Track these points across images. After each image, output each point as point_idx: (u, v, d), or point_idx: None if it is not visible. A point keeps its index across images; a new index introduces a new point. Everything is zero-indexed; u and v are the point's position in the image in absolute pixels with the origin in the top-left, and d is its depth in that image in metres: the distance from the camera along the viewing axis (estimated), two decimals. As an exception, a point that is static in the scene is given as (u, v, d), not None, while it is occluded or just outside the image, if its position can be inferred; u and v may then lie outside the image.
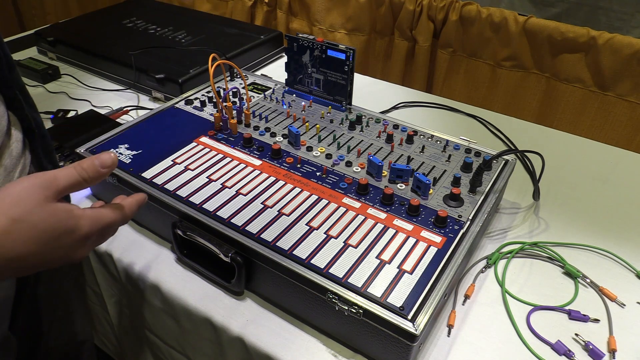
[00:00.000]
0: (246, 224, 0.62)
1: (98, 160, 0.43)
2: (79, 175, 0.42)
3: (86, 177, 0.43)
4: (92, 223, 0.43)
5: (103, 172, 0.44)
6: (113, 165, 0.44)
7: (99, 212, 0.44)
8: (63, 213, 0.40)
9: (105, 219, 0.45)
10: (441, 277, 0.56)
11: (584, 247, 0.74)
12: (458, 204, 0.67)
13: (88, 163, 0.43)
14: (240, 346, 0.62)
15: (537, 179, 0.79)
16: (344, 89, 0.85)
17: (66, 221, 0.41)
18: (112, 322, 0.86)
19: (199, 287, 0.67)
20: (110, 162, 0.44)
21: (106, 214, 0.45)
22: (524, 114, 1.46)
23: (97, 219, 0.44)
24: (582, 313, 0.63)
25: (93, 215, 0.43)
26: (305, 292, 0.57)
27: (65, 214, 0.41)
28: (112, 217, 0.45)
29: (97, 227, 0.43)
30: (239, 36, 1.26)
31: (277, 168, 0.73)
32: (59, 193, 0.41)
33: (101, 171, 0.43)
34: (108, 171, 0.44)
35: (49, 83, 1.15)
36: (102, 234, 0.46)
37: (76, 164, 0.42)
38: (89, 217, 0.43)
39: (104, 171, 0.44)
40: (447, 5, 1.44)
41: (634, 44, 1.21)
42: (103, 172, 0.44)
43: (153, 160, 0.73)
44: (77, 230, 0.41)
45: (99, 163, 0.43)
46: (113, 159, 0.44)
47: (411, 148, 0.78)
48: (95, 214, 0.44)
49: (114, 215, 0.46)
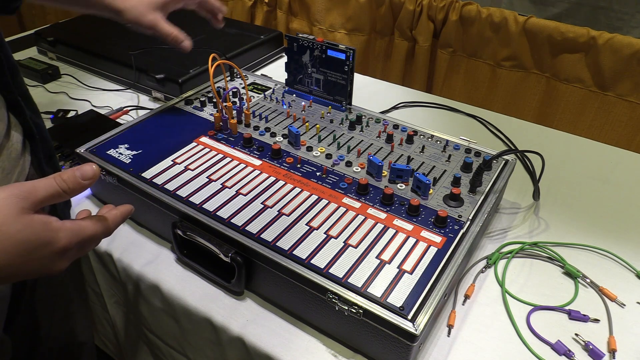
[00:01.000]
0: (246, 224, 0.62)
1: (79, 171, 0.43)
2: (59, 186, 0.41)
3: (66, 189, 0.42)
4: (70, 236, 0.42)
5: (84, 184, 0.43)
6: (94, 177, 0.43)
7: (79, 225, 0.43)
8: (40, 225, 0.40)
9: (85, 232, 0.44)
10: (441, 277, 0.56)
11: (584, 247, 0.74)
12: (458, 204, 0.67)
13: (68, 174, 0.42)
14: (240, 346, 0.62)
15: (537, 179, 0.79)
16: (344, 89, 0.85)
17: (43, 233, 0.40)
18: (112, 322, 0.86)
19: (199, 287, 0.67)
20: (91, 174, 0.43)
21: (86, 226, 0.44)
22: (524, 114, 1.46)
23: (76, 231, 0.43)
24: (582, 313, 0.63)
25: (72, 228, 0.42)
26: (305, 292, 0.57)
27: (42, 226, 0.40)
28: (92, 230, 0.44)
29: (75, 240, 0.42)
30: (239, 36, 1.26)
31: (277, 168, 0.73)
32: (37, 204, 0.40)
33: (82, 183, 0.43)
34: (89, 183, 0.43)
35: (49, 83, 1.15)
36: (82, 246, 0.44)
37: (56, 175, 0.42)
38: (67, 230, 0.42)
39: (85, 183, 0.43)
40: (447, 5, 1.44)
41: (634, 44, 1.21)
42: (84, 184, 0.43)
43: (153, 160, 0.73)
44: (54, 242, 0.41)
45: (80, 175, 0.43)
46: (94, 171, 0.43)
47: (411, 148, 0.78)
48: (75, 227, 0.43)
49: (94, 228, 0.45)
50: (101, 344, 0.94)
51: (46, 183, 0.41)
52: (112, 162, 0.73)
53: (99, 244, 0.48)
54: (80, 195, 0.81)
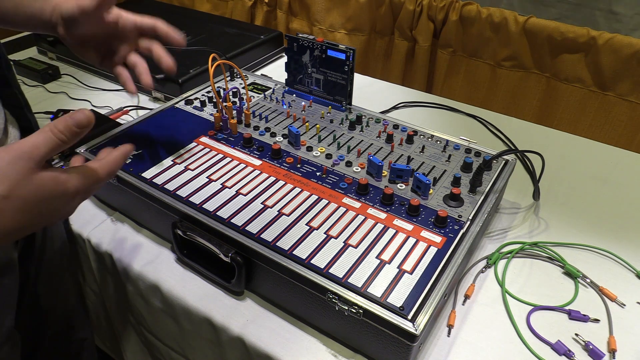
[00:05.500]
0: (246, 224, 0.62)
1: (72, 120, 0.43)
2: (58, 138, 0.42)
3: (64, 139, 0.43)
4: (78, 183, 0.44)
5: (79, 131, 0.43)
6: (89, 123, 0.44)
7: (85, 171, 0.45)
8: (50, 181, 0.42)
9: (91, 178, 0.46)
10: (441, 277, 0.56)
11: (584, 247, 0.74)
12: (458, 204, 0.67)
13: (63, 124, 0.43)
14: (240, 346, 0.62)
15: (537, 179, 0.79)
16: (344, 89, 0.85)
17: (54, 188, 0.42)
18: (111, 322, 0.86)
19: (199, 287, 0.67)
20: (85, 120, 0.43)
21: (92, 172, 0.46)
22: (524, 114, 1.46)
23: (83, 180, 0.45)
24: (582, 313, 0.63)
25: (78, 177, 0.44)
26: (305, 292, 0.57)
27: (52, 182, 0.42)
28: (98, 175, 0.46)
29: (83, 187, 0.45)
30: (239, 36, 1.26)
31: (277, 168, 0.73)
32: (42, 160, 0.42)
33: (77, 131, 0.43)
34: (84, 131, 0.44)
35: (49, 83, 1.15)
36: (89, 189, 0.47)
37: (52, 127, 0.42)
38: (75, 179, 0.44)
39: (79, 131, 0.43)
40: (447, 5, 1.44)
41: (634, 44, 1.21)
42: (79, 131, 0.43)
43: (153, 160, 0.73)
44: (64, 193, 0.43)
45: (74, 123, 0.43)
46: (88, 117, 0.43)
47: (411, 148, 0.78)
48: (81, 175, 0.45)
49: (100, 173, 0.47)
50: (101, 343, 0.94)
51: (45, 137, 0.42)
52: (112, 162, 0.72)
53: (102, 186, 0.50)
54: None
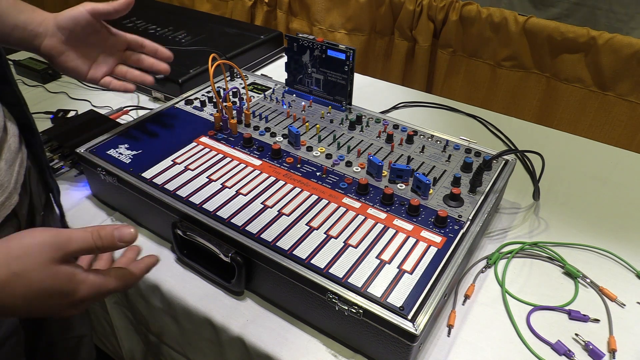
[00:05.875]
0: (246, 224, 0.62)
1: (118, 232, 0.42)
2: (94, 242, 0.41)
3: (100, 246, 0.42)
4: (91, 290, 0.42)
5: (119, 245, 0.43)
6: (131, 241, 0.43)
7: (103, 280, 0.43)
8: (64, 277, 0.40)
9: (107, 287, 0.44)
10: (441, 277, 0.56)
11: (584, 247, 0.74)
12: (458, 204, 0.67)
13: (106, 232, 0.42)
14: (240, 346, 0.62)
15: (537, 179, 0.79)
16: (344, 89, 0.85)
17: (65, 286, 0.40)
18: (111, 322, 0.86)
19: (199, 287, 0.67)
20: (129, 237, 0.43)
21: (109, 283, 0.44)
22: (524, 114, 1.46)
23: (98, 287, 0.43)
24: (582, 313, 0.63)
25: (94, 283, 0.42)
26: (305, 292, 0.57)
27: (66, 278, 0.40)
28: (114, 285, 0.44)
29: (95, 293, 0.43)
30: (239, 36, 1.26)
31: (277, 168, 0.73)
32: (69, 255, 0.40)
33: (118, 244, 0.42)
34: (125, 245, 0.43)
35: (49, 83, 1.15)
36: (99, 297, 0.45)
37: (94, 230, 0.42)
38: (89, 284, 0.42)
39: (120, 245, 0.43)
40: (447, 5, 1.44)
41: (634, 44, 1.21)
42: (119, 245, 0.43)
43: (153, 160, 0.73)
44: (73, 294, 0.41)
45: (118, 236, 0.42)
46: (132, 235, 0.43)
47: (411, 148, 0.78)
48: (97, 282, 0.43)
49: (116, 284, 0.45)
50: (100, 343, 0.94)
51: (82, 236, 0.41)
52: (112, 162, 0.73)
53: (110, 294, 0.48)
54: (80, 195, 0.82)
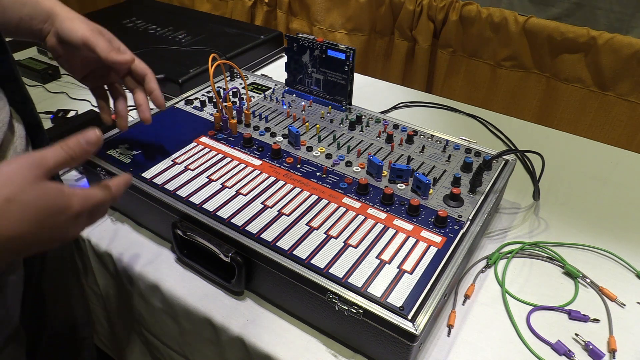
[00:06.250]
0: (246, 224, 0.62)
1: (83, 138, 0.44)
2: (66, 153, 0.43)
3: (73, 155, 0.43)
4: (82, 201, 0.44)
5: (88, 149, 0.44)
6: (98, 142, 0.45)
7: (88, 191, 0.46)
8: (54, 192, 0.41)
9: (95, 197, 0.46)
10: (441, 277, 0.56)
11: (584, 247, 0.74)
12: (458, 204, 0.67)
13: (74, 141, 0.44)
14: (240, 346, 0.62)
15: (537, 179, 0.79)
16: (344, 89, 0.85)
17: (58, 199, 0.42)
18: (111, 322, 0.86)
19: (199, 287, 0.67)
20: (95, 139, 0.44)
21: (95, 192, 0.46)
22: (524, 114, 1.46)
23: (87, 197, 0.45)
24: (582, 313, 0.63)
25: (83, 194, 0.44)
26: (305, 292, 0.57)
27: (56, 193, 0.42)
28: (101, 196, 0.47)
29: (87, 205, 0.44)
30: (239, 36, 1.26)
31: (277, 168, 0.73)
32: (49, 172, 0.42)
33: (86, 148, 0.44)
34: (93, 149, 0.45)
35: (49, 83, 1.15)
36: (92, 213, 0.47)
37: (62, 143, 0.43)
38: (79, 196, 0.44)
39: (89, 148, 0.44)
40: (447, 5, 1.44)
41: (634, 44, 1.21)
42: (88, 149, 0.44)
43: (153, 160, 0.73)
44: (68, 208, 0.42)
45: (84, 141, 0.44)
46: (97, 136, 0.45)
47: (411, 148, 0.78)
48: (85, 193, 0.45)
49: (102, 194, 0.47)
50: (100, 343, 0.94)
51: (54, 151, 0.43)
52: (112, 162, 0.73)
53: (105, 213, 0.51)
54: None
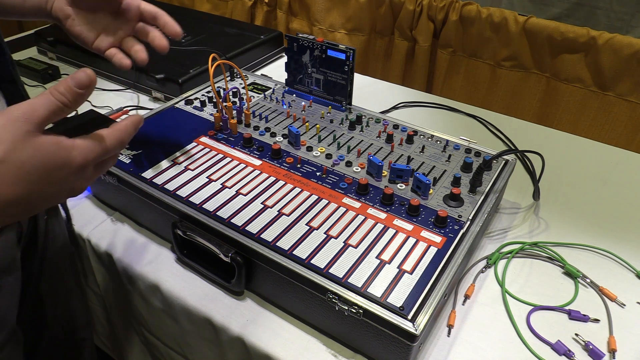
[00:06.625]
0: (246, 224, 0.62)
1: (73, 80, 0.39)
2: (58, 100, 0.38)
3: (65, 102, 0.39)
4: (85, 153, 0.40)
5: (81, 92, 0.39)
6: (91, 83, 0.40)
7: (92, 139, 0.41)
8: (51, 146, 0.37)
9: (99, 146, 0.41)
10: (441, 277, 0.56)
11: (584, 247, 0.74)
12: (458, 204, 0.67)
13: (64, 86, 0.39)
14: (240, 346, 0.62)
15: (537, 179, 0.79)
16: (344, 89, 0.85)
17: (55, 154, 0.38)
18: (111, 322, 0.86)
19: (199, 287, 0.67)
20: (86, 81, 0.39)
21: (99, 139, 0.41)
22: (524, 114, 1.46)
23: (90, 147, 0.40)
24: (582, 313, 0.63)
25: (85, 145, 0.40)
26: (305, 292, 0.57)
27: (54, 147, 0.38)
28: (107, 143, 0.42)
29: (92, 155, 0.40)
30: (239, 36, 1.26)
31: (277, 168, 0.73)
32: (41, 124, 0.37)
33: (78, 92, 0.39)
34: (86, 92, 0.40)
35: (49, 83, 1.15)
36: (100, 163, 0.43)
37: (52, 89, 0.39)
38: (80, 147, 0.39)
39: (81, 92, 0.39)
40: (447, 5, 1.44)
41: (634, 44, 1.21)
42: (81, 92, 0.39)
43: (153, 160, 0.73)
44: (69, 163, 0.39)
45: (75, 84, 0.39)
46: (89, 76, 0.39)
47: (411, 148, 0.78)
48: (87, 143, 0.40)
49: (108, 140, 0.42)
50: (100, 343, 0.94)
51: (44, 99, 0.38)
52: (112, 162, 0.72)
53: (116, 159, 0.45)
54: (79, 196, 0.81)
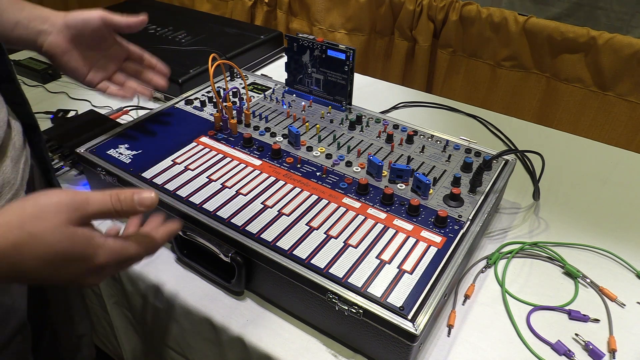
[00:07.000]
0: (246, 224, 0.62)
1: (137, 196, 0.41)
2: (113, 205, 0.40)
3: (119, 209, 0.40)
4: (110, 255, 0.40)
5: (139, 209, 0.41)
6: (152, 205, 0.41)
7: (122, 245, 0.42)
8: (82, 240, 0.39)
9: (127, 253, 0.42)
10: (441, 277, 0.56)
11: (584, 247, 0.74)
12: (458, 204, 0.67)
13: (126, 195, 0.40)
14: (240, 346, 0.62)
15: (537, 179, 0.79)
16: (344, 89, 0.85)
17: (82, 249, 0.39)
18: (111, 322, 0.86)
19: (199, 287, 0.67)
20: (149, 202, 0.41)
21: (129, 248, 0.42)
22: (524, 114, 1.46)
23: (118, 252, 0.41)
24: (582, 313, 0.63)
25: (114, 248, 0.41)
26: (305, 292, 0.57)
27: (84, 241, 0.39)
28: (135, 251, 0.42)
29: (115, 259, 0.41)
30: (239, 36, 1.26)
31: (277, 168, 0.73)
32: (86, 218, 0.39)
33: (138, 209, 0.41)
34: (144, 210, 0.41)
35: (49, 83, 1.15)
36: (121, 265, 0.43)
37: (113, 193, 0.40)
38: (108, 249, 0.40)
39: (140, 209, 0.41)
40: (447, 5, 1.44)
41: (634, 44, 1.21)
42: (139, 209, 0.41)
43: (153, 160, 0.73)
44: (92, 259, 0.39)
45: (138, 200, 0.40)
46: (153, 200, 0.41)
47: (411, 148, 0.78)
48: (117, 247, 0.41)
49: (137, 250, 0.43)
50: (101, 343, 0.94)
51: (101, 199, 0.40)
52: (112, 162, 0.72)
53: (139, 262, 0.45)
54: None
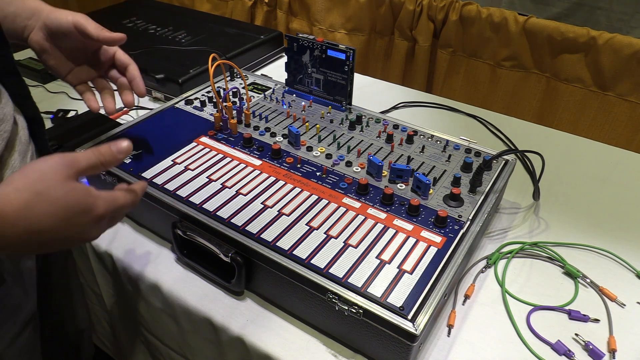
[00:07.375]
0: (246, 224, 0.62)
1: (115, 146, 0.47)
2: (97, 158, 0.46)
3: (103, 161, 0.47)
4: (107, 204, 0.46)
5: (119, 157, 0.48)
6: (128, 151, 0.48)
7: (114, 194, 0.48)
8: (82, 191, 0.44)
9: (119, 201, 0.48)
10: (441, 277, 0.56)
11: (584, 247, 0.74)
12: (458, 204, 0.67)
13: (105, 148, 0.47)
14: (240, 346, 0.62)
15: (537, 179, 0.79)
16: (344, 89, 0.85)
17: (84, 199, 0.44)
18: (111, 322, 0.86)
19: (199, 287, 0.67)
20: (125, 148, 0.48)
21: (120, 196, 0.48)
22: (524, 114, 1.46)
23: (113, 200, 0.47)
24: (582, 313, 0.63)
25: (108, 197, 0.46)
26: (305, 292, 0.57)
27: (84, 192, 0.44)
28: (125, 199, 0.49)
29: (111, 208, 0.46)
30: (239, 36, 1.26)
31: (277, 168, 0.73)
32: (79, 173, 0.44)
33: (117, 156, 0.48)
34: (123, 157, 0.48)
35: (49, 83, 1.15)
36: (114, 216, 0.49)
37: (94, 149, 0.47)
38: (104, 198, 0.46)
39: (120, 157, 0.48)
40: (447, 5, 1.44)
41: (634, 44, 1.21)
42: (119, 157, 0.48)
43: (153, 160, 0.73)
44: (93, 209, 0.44)
45: (116, 148, 0.47)
46: (128, 146, 0.48)
47: (411, 148, 0.78)
48: (111, 196, 0.47)
49: (126, 198, 0.49)
50: (100, 343, 0.94)
51: (87, 154, 0.46)
52: (112, 162, 0.72)
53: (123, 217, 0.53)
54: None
